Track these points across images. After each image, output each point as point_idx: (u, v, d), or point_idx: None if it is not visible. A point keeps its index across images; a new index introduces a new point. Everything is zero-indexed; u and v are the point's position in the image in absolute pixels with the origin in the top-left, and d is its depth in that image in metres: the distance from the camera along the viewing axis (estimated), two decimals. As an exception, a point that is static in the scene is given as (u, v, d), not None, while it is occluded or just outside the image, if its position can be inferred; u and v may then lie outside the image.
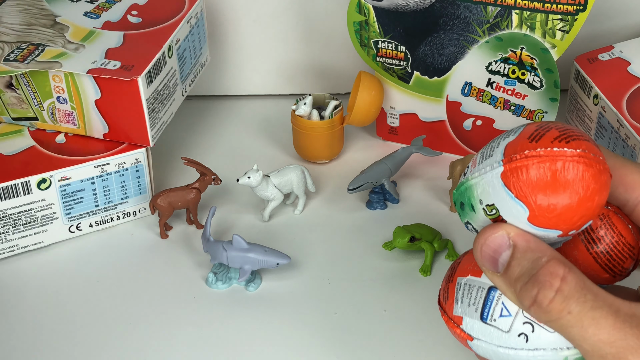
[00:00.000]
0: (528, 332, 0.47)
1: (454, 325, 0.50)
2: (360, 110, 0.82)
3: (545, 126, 0.46)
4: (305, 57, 0.91)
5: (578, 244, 0.50)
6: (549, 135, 0.45)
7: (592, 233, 0.50)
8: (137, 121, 0.73)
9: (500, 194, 0.46)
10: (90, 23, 0.78)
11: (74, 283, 0.72)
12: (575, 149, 0.44)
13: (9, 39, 0.75)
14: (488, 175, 0.46)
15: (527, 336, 0.47)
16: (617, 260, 0.50)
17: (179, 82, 0.79)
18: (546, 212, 0.45)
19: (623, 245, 0.50)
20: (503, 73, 0.78)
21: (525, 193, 0.45)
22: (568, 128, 0.46)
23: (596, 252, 0.50)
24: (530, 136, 0.46)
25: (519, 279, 0.45)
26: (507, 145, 0.46)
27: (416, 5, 0.77)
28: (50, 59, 0.73)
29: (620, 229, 0.50)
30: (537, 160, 0.44)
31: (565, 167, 0.44)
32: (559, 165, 0.44)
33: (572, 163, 0.44)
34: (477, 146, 0.83)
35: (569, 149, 0.44)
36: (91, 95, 0.72)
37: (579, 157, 0.44)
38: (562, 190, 0.44)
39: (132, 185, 0.76)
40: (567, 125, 0.46)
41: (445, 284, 0.51)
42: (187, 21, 0.79)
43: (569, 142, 0.45)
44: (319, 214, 0.79)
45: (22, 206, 0.71)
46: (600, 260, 0.50)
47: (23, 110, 0.75)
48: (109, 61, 0.72)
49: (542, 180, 0.44)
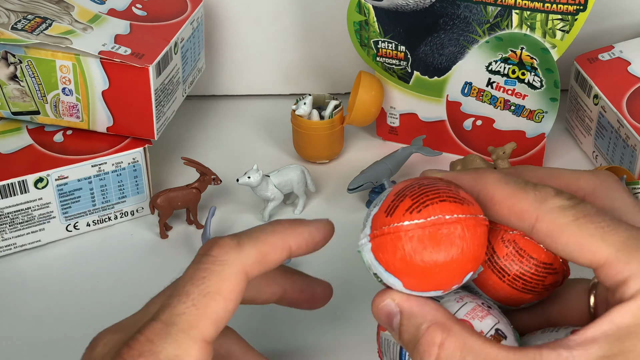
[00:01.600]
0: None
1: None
2: (360, 110, 0.81)
3: (402, 195, 0.46)
4: (305, 57, 0.91)
5: (490, 275, 0.49)
6: (401, 207, 0.45)
7: (499, 262, 0.49)
8: (144, 113, 0.73)
9: (376, 266, 0.46)
10: (96, 7, 0.78)
11: (73, 282, 0.72)
12: (426, 218, 0.44)
13: (14, 7, 0.75)
14: (364, 248, 0.47)
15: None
16: (534, 282, 0.49)
17: (181, 80, 0.79)
18: (415, 282, 0.45)
19: (536, 267, 0.49)
20: (503, 73, 0.78)
21: (392, 268, 0.45)
22: (423, 192, 0.45)
23: (509, 279, 0.49)
24: (387, 209, 0.46)
25: (408, 345, 0.46)
26: (372, 218, 0.46)
27: (416, 5, 0.77)
28: (60, 35, 0.72)
29: (530, 252, 0.49)
30: (392, 237, 0.45)
31: (416, 241, 0.44)
32: (411, 239, 0.44)
33: (423, 236, 0.44)
34: (477, 146, 0.83)
35: (419, 220, 0.44)
36: (99, 86, 0.72)
37: (432, 225, 0.44)
38: (420, 263, 0.44)
39: (130, 184, 0.76)
40: (426, 186, 0.46)
41: (376, 336, 0.52)
42: (190, 23, 0.79)
43: (420, 211, 0.45)
44: (319, 214, 0.78)
45: (19, 205, 0.71)
46: (517, 286, 0.49)
47: (25, 103, 0.75)
48: (119, 46, 0.72)
49: (402, 257, 0.45)
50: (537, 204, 0.45)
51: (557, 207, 0.44)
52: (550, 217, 0.44)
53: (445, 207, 0.45)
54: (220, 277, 0.46)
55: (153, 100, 0.73)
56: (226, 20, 0.89)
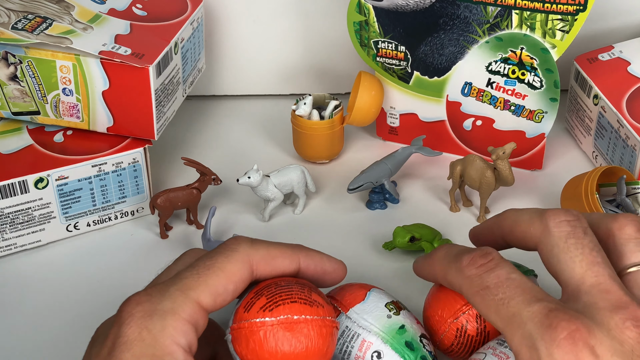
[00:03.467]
0: None
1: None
2: (360, 110, 0.81)
3: (260, 293, 0.51)
4: (305, 57, 0.91)
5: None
6: (257, 305, 0.50)
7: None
8: (144, 113, 0.73)
9: (235, 356, 0.51)
10: (96, 7, 0.78)
11: (73, 282, 0.72)
12: (277, 317, 0.49)
13: (14, 7, 0.75)
14: (227, 339, 0.51)
15: None
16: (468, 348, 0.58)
17: (181, 80, 0.79)
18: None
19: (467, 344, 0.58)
20: (503, 73, 0.78)
21: (246, 359, 0.50)
22: (277, 293, 0.51)
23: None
24: (246, 305, 0.51)
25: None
26: (235, 312, 0.51)
27: (416, 5, 0.77)
28: (60, 34, 0.72)
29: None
30: (246, 331, 0.50)
31: (266, 337, 0.49)
32: (262, 335, 0.49)
33: (272, 332, 0.49)
34: (477, 146, 0.83)
35: (270, 317, 0.49)
36: (99, 86, 0.72)
37: (280, 324, 0.49)
38: (267, 356, 0.49)
39: (130, 184, 0.76)
40: (282, 287, 0.51)
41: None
42: (190, 23, 0.79)
43: (272, 310, 0.50)
44: (319, 214, 0.79)
45: (20, 205, 0.71)
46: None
47: (25, 103, 0.75)
48: (119, 46, 0.72)
49: (253, 349, 0.49)
50: (458, 275, 0.52)
51: (467, 277, 0.50)
52: (464, 289, 0.51)
53: (295, 308, 0.50)
54: (227, 259, 0.51)
55: (153, 101, 0.73)
56: (226, 20, 0.89)
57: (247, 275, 0.51)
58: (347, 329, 0.56)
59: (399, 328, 0.56)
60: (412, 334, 0.56)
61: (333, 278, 0.56)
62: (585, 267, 0.48)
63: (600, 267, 0.48)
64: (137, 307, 0.48)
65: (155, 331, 0.47)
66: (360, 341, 0.56)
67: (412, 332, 0.57)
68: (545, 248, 0.51)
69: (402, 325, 0.56)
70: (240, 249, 0.52)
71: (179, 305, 0.48)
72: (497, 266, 0.50)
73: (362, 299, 0.58)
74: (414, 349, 0.56)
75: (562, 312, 0.46)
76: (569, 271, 0.49)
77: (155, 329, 0.47)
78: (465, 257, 0.51)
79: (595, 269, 0.48)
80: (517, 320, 0.47)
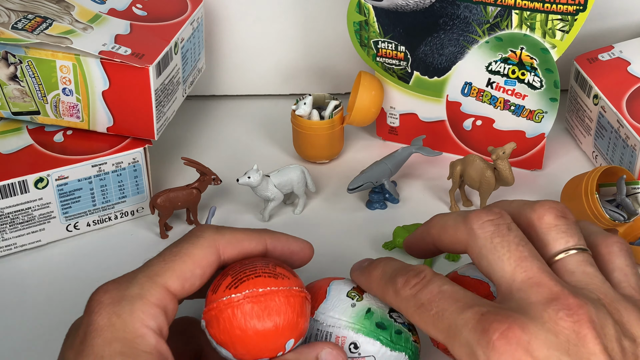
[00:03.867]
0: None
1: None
2: (360, 110, 0.81)
3: (225, 274, 0.52)
4: (305, 57, 0.91)
5: None
6: (223, 284, 0.51)
7: None
8: (144, 113, 0.73)
9: (211, 340, 0.52)
10: (96, 7, 0.78)
11: (73, 282, 0.72)
12: (242, 292, 0.50)
13: (14, 7, 0.75)
14: (203, 326, 0.52)
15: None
16: None
17: (181, 80, 0.79)
18: (242, 351, 0.51)
19: None
20: (503, 73, 0.78)
21: (219, 340, 0.51)
22: (242, 270, 0.52)
23: None
24: (213, 288, 0.52)
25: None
26: (206, 296, 0.52)
27: (416, 5, 0.77)
28: (60, 34, 0.72)
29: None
30: (216, 311, 0.51)
31: (235, 313, 0.50)
32: (230, 312, 0.50)
33: (239, 308, 0.50)
34: (477, 146, 0.83)
35: (236, 294, 0.50)
36: (99, 86, 0.72)
37: (245, 298, 0.50)
38: (239, 332, 0.50)
39: (130, 184, 0.76)
40: (246, 264, 0.52)
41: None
42: (190, 23, 0.79)
43: (237, 286, 0.51)
44: (319, 214, 0.79)
45: (19, 205, 0.71)
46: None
47: (25, 103, 0.75)
48: (119, 46, 0.72)
49: (224, 328, 0.50)
50: (396, 297, 0.52)
51: (404, 298, 0.51)
52: (402, 310, 0.52)
53: (260, 282, 0.51)
54: (192, 245, 0.52)
55: (153, 101, 0.73)
56: (226, 20, 0.89)
57: (214, 259, 0.52)
58: (319, 331, 0.57)
59: (365, 313, 0.57)
60: (380, 313, 0.57)
61: (301, 258, 0.58)
62: (514, 264, 0.48)
63: (528, 261, 0.48)
64: (105, 295, 0.49)
65: (124, 316, 0.48)
66: (334, 339, 0.57)
67: (380, 312, 0.57)
68: (474, 251, 0.51)
69: (368, 308, 0.57)
70: (205, 235, 0.53)
71: (146, 290, 0.49)
72: (429, 282, 0.50)
73: (323, 297, 0.58)
74: (386, 328, 0.57)
75: (494, 313, 0.46)
76: (499, 270, 0.49)
77: (125, 313, 0.48)
78: (400, 280, 0.52)
79: (524, 264, 0.48)
80: (454, 330, 0.47)
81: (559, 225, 0.51)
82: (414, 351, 0.58)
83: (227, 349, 0.51)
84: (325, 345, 0.52)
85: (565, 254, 0.50)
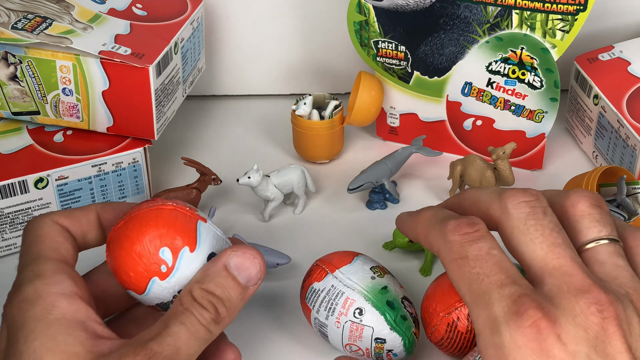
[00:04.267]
0: None
1: None
2: (360, 110, 0.81)
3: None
4: (305, 57, 0.91)
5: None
6: (115, 226, 0.51)
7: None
8: (144, 113, 0.73)
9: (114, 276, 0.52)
10: (96, 7, 0.77)
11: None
12: (124, 218, 0.51)
13: (14, 7, 0.75)
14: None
15: None
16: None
17: (181, 80, 0.79)
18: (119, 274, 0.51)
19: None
20: (503, 73, 0.78)
21: (110, 266, 0.52)
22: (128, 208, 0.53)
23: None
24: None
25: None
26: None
27: (416, 5, 0.77)
28: (60, 34, 0.72)
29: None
30: (108, 244, 0.51)
31: (119, 236, 0.51)
32: (115, 235, 0.51)
33: (122, 230, 0.50)
34: (477, 146, 0.83)
35: (120, 222, 0.51)
36: (99, 86, 0.72)
37: (126, 220, 0.50)
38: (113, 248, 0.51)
39: (130, 184, 0.76)
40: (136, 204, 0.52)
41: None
42: (190, 23, 0.79)
43: (124, 218, 0.51)
44: (319, 214, 0.79)
45: (19, 205, 0.71)
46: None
47: (25, 103, 0.75)
48: (119, 46, 0.72)
49: (114, 255, 0.51)
50: (440, 237, 0.50)
51: (449, 241, 0.49)
52: (442, 253, 0.50)
53: (142, 206, 0.51)
54: (34, 228, 0.53)
55: (153, 100, 0.73)
56: (226, 20, 0.89)
57: (56, 228, 0.53)
58: (333, 287, 0.60)
59: (381, 288, 0.60)
60: (394, 295, 0.60)
61: None
62: (546, 249, 0.48)
63: (561, 248, 0.48)
64: (8, 298, 0.50)
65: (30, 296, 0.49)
66: (344, 299, 0.59)
67: (395, 293, 0.60)
68: (505, 230, 0.49)
69: (385, 286, 0.60)
70: (39, 217, 0.54)
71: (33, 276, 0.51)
72: (481, 238, 0.48)
73: (349, 262, 0.62)
74: (394, 308, 0.59)
75: (531, 299, 0.45)
76: (530, 252, 0.48)
77: (29, 294, 0.49)
78: (452, 222, 0.50)
79: (557, 251, 0.47)
80: (485, 300, 0.46)
81: (593, 214, 0.50)
82: (411, 341, 0.59)
83: (115, 275, 0.51)
84: (227, 251, 0.51)
85: (596, 243, 0.49)
